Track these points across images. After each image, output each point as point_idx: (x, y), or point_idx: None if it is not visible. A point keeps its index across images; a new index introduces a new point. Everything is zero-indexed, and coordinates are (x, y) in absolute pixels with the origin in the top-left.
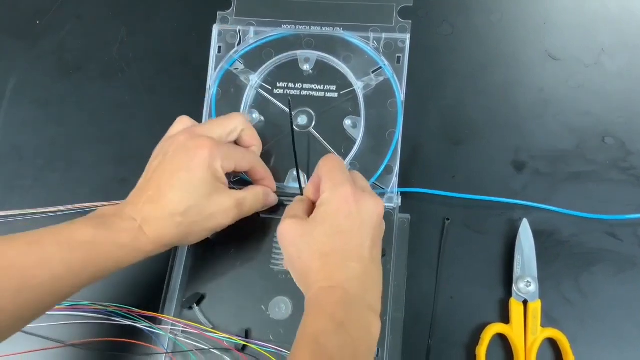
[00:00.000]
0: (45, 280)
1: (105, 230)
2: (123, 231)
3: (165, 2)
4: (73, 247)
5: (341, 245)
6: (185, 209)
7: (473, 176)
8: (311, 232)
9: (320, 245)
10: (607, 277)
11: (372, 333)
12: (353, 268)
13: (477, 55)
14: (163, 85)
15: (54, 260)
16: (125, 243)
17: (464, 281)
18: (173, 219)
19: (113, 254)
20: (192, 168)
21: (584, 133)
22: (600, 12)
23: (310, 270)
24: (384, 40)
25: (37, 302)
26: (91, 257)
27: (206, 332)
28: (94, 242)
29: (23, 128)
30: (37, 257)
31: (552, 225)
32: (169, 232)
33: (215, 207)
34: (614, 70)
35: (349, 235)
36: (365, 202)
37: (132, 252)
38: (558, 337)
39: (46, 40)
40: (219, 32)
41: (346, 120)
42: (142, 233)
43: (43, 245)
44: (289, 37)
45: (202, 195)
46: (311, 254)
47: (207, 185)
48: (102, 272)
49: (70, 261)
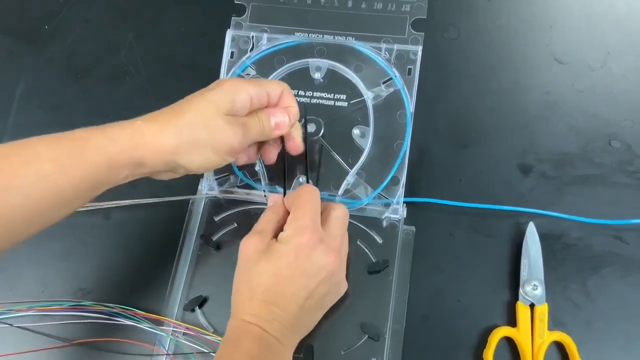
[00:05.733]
0: (33, 181)
1: (101, 129)
2: (118, 127)
3: (174, 6)
4: (63, 145)
5: (274, 289)
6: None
7: (480, 179)
8: (257, 263)
9: (257, 280)
10: (614, 280)
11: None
12: (277, 314)
13: (483, 59)
14: (171, 89)
15: (44, 158)
16: (119, 138)
17: (471, 284)
18: (175, 123)
19: (104, 150)
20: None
21: (590, 136)
22: (606, 16)
23: (240, 298)
24: (396, 51)
25: (23, 207)
26: (81, 153)
27: (206, 335)
28: (86, 138)
29: (32, 132)
30: (23, 155)
31: (559, 228)
32: (167, 136)
33: (223, 124)
34: (620, 73)
35: (286, 283)
36: (316, 254)
37: (125, 152)
38: (565, 341)
39: (55, 44)
40: (232, 37)
41: (355, 130)
42: (140, 133)
43: (30, 144)
44: (302, 45)
45: (216, 111)
46: (247, 284)
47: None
48: (93, 175)
49: (60, 159)
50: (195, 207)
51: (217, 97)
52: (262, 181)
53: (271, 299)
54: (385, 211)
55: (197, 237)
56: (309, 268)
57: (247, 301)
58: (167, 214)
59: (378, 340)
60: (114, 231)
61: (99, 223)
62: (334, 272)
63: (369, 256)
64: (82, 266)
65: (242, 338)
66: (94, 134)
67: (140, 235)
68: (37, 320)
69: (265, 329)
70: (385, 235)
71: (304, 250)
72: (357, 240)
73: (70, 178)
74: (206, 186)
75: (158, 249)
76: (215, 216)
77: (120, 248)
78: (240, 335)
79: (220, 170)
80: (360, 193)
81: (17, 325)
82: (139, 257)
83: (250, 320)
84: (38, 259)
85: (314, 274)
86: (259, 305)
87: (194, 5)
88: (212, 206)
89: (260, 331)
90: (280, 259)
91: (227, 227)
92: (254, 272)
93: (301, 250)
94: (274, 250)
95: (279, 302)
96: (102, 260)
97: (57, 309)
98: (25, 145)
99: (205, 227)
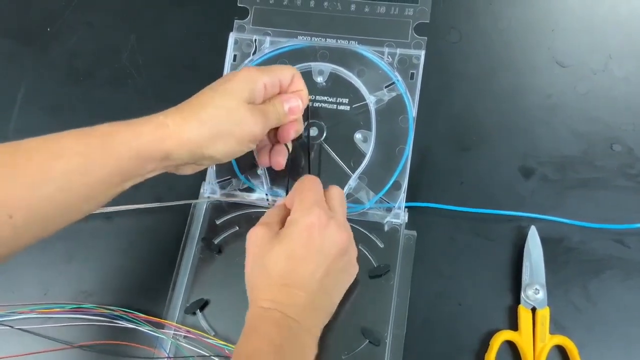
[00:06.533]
0: (61, 175)
1: (126, 124)
2: (143, 122)
3: (175, 9)
4: (91, 139)
5: (291, 271)
6: (217, 108)
7: (481, 183)
8: (270, 249)
9: (273, 265)
10: (616, 284)
11: (307, 356)
12: (297, 295)
13: (484, 62)
14: (173, 92)
15: (72, 152)
16: (145, 131)
17: (472, 288)
18: (199, 115)
19: (131, 145)
20: (232, 79)
21: (592, 139)
22: (608, 19)
23: (256, 287)
24: (399, 55)
25: (55, 199)
26: (109, 147)
27: (207, 339)
28: (113, 132)
29: (34, 134)
30: (53, 148)
31: (560, 232)
32: (192, 127)
33: (246, 113)
34: (622, 76)
35: (302, 262)
36: (329, 231)
37: (151, 144)
38: (566, 344)
39: (56, 47)
40: (235, 40)
41: (357, 134)
42: (165, 126)
43: (61, 138)
44: (304, 49)
45: (237, 100)
46: (262, 271)
47: (242, 92)
48: (121, 170)
49: (88, 154)
50: (197, 211)
51: (237, 87)
52: (264, 185)
53: (289, 282)
54: (387, 215)
55: (198, 240)
56: (322, 245)
57: (265, 288)
58: (168, 217)
59: (379, 345)
60: (116, 234)
61: (101, 226)
62: (347, 249)
63: (370, 260)
64: (83, 269)
65: (262, 325)
66: (120, 128)
67: (142, 238)
68: (39, 322)
69: (286, 312)
70: (387, 239)
71: (315, 229)
72: (359, 245)
73: (99, 171)
74: (208, 189)
75: (160, 252)
76: (217, 219)
77: (122, 251)
78: (260, 323)
79: (222, 173)
80: (362, 197)
81: (18, 328)
82: (141, 260)
83: (269, 306)
84: (40, 262)
85: (328, 250)
86: (278, 290)
87: (196, 7)
88: (214, 209)
89: (280, 315)
90: (293, 240)
91: (229, 231)
92: (268, 259)
93: (313, 229)
94: (286, 234)
95: (297, 283)
96: (104, 263)
97: (59, 311)
98: (54, 140)
99: (206, 230)
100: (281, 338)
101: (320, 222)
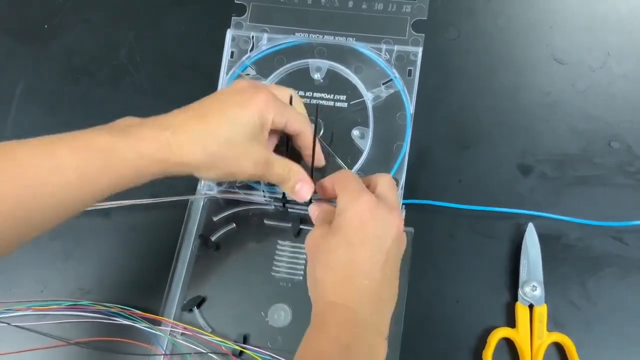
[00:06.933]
0: (57, 190)
1: (126, 138)
2: (146, 139)
3: (174, 6)
4: (88, 154)
5: (350, 259)
6: (223, 139)
7: (479, 180)
8: (326, 243)
9: (332, 257)
10: (614, 281)
11: (378, 357)
12: (361, 284)
13: (483, 59)
14: (171, 89)
15: (67, 168)
16: (147, 153)
17: (470, 285)
18: (205, 141)
19: (131, 163)
20: (246, 107)
21: (590, 137)
22: (607, 16)
23: (318, 282)
24: (396, 52)
25: (45, 212)
26: (108, 165)
27: (204, 336)
28: (112, 149)
29: (32, 131)
30: (48, 163)
31: (558, 229)
32: (194, 153)
33: (249, 153)
34: (621, 73)
35: (360, 249)
36: (382, 215)
37: (152, 165)
38: (564, 342)
39: (54, 44)
40: (233, 37)
41: (354, 131)
42: (167, 145)
43: (56, 150)
44: (302, 45)
45: (244, 135)
46: (322, 266)
47: (253, 128)
48: (118, 183)
49: (85, 169)
50: (194, 207)
51: (248, 120)
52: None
53: (351, 272)
54: None
55: (195, 237)
56: (377, 229)
57: (329, 283)
58: (166, 214)
59: None
60: (113, 231)
61: (98, 223)
62: (401, 234)
63: None
64: (81, 266)
65: (328, 322)
66: (119, 144)
67: (139, 235)
68: (36, 319)
69: (352, 306)
70: None
71: (365, 213)
72: None
73: (95, 185)
74: (205, 186)
75: (157, 249)
76: (214, 216)
77: (120, 248)
78: (326, 319)
79: None
80: None
81: (16, 325)
82: (138, 257)
83: (335, 299)
84: (37, 259)
85: (384, 233)
86: (341, 282)
87: (194, 5)
88: (211, 206)
89: (346, 312)
90: (345, 228)
91: (226, 228)
92: (326, 252)
93: (363, 214)
94: (338, 224)
95: (359, 271)
96: (101, 260)
97: (56, 308)
98: (49, 151)
99: (204, 227)
100: (348, 338)
101: (370, 205)
